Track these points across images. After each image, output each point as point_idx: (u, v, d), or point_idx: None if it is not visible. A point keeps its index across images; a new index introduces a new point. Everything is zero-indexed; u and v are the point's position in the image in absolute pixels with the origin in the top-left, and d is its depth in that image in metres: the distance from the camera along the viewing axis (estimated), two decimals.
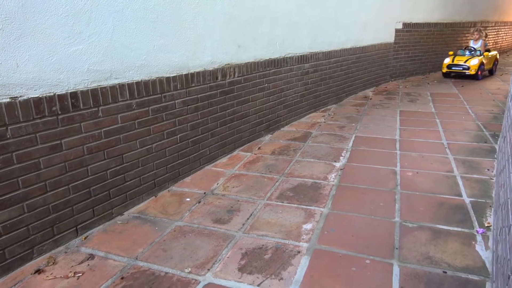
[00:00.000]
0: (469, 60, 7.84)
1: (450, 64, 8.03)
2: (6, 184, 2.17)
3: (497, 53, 8.96)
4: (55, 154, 2.41)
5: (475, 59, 7.83)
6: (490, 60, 8.47)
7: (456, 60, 8.02)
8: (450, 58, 8.12)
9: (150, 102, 3.01)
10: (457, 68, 7.95)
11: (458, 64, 7.94)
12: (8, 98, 2.15)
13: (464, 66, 7.82)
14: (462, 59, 7.96)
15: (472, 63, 7.79)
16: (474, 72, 7.73)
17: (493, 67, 8.69)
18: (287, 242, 2.47)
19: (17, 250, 2.27)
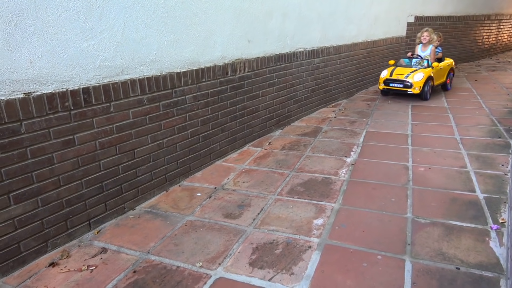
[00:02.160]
0: (412, 74, 5.74)
1: (388, 79, 5.92)
2: (20, 179, 2.20)
3: (452, 62, 6.66)
4: (68, 149, 2.43)
5: (419, 73, 5.71)
6: (442, 72, 6.25)
7: (396, 73, 5.89)
8: (388, 71, 6.00)
9: (161, 97, 3.03)
10: (396, 84, 5.84)
11: (397, 79, 5.83)
12: (22, 93, 2.18)
13: (406, 82, 5.75)
14: (404, 71, 5.88)
15: (416, 78, 5.69)
16: (418, 91, 5.69)
17: (447, 80, 6.47)
18: (298, 237, 2.47)
19: (31, 243, 2.31)
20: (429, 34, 6.07)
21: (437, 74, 6.07)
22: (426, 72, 5.76)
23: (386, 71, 6.01)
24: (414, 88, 5.69)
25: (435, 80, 6.00)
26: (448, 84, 6.54)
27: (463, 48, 9.54)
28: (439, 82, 6.21)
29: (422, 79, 5.67)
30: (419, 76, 5.70)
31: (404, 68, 5.97)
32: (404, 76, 5.79)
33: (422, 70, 5.77)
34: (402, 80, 5.78)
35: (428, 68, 5.84)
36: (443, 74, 6.34)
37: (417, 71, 5.77)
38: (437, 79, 6.09)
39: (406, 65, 6.11)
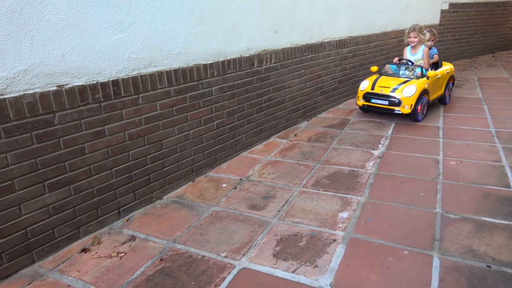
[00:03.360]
0: (401, 88, 4.25)
1: (369, 93, 4.47)
2: (54, 168, 2.30)
3: (452, 68, 5.13)
4: (99, 140, 2.51)
5: (410, 86, 4.23)
6: (440, 82, 4.77)
7: (379, 85, 4.42)
8: (370, 81, 4.55)
9: (187, 89, 3.06)
10: (379, 101, 4.39)
11: (380, 94, 4.38)
12: (55, 86, 2.26)
13: (392, 99, 4.26)
14: (390, 83, 4.39)
15: (406, 93, 4.20)
16: (408, 110, 4.21)
17: (445, 92, 4.94)
18: (323, 230, 2.46)
19: (65, 230, 2.41)
20: (416, 35, 4.58)
21: (434, 85, 4.58)
22: (420, 85, 4.25)
23: (367, 82, 4.55)
24: (403, 106, 4.17)
25: (431, 94, 4.52)
26: (447, 96, 5.03)
27: (501, 36, 9.07)
28: (436, 95, 4.72)
29: (414, 95, 4.16)
30: (410, 90, 4.19)
31: (391, 79, 4.50)
32: (390, 90, 4.29)
33: (414, 82, 4.29)
34: (387, 95, 4.30)
35: (421, 79, 4.36)
36: (441, 85, 4.82)
37: (408, 83, 4.30)
38: (433, 93, 4.61)
39: (393, 73, 4.66)
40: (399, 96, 4.23)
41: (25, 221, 2.21)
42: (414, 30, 4.58)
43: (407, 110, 4.21)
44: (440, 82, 4.76)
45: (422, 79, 4.38)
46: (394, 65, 4.76)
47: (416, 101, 4.21)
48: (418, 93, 4.21)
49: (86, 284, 2.08)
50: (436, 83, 4.63)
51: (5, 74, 2.04)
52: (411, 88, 4.23)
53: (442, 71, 4.85)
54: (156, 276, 2.11)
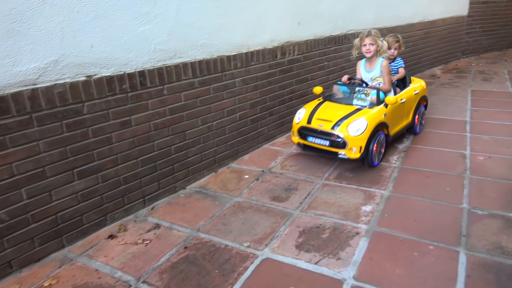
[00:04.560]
0: (346, 122, 3.04)
1: (304, 129, 3.24)
2: (83, 156, 2.36)
3: (423, 85, 3.91)
4: (125, 130, 2.56)
5: (359, 120, 3.03)
6: (407, 106, 3.58)
7: (318, 117, 3.20)
8: (307, 110, 3.31)
9: (211, 80, 3.08)
10: (318, 140, 3.16)
11: (318, 130, 3.15)
12: (84, 76, 2.31)
13: (334, 138, 3.06)
14: (333, 114, 3.17)
15: (352, 129, 3.01)
16: (357, 154, 3.01)
17: (415, 117, 3.73)
18: (345, 223, 2.45)
19: (92, 216, 2.48)
20: (374, 42, 3.30)
21: (397, 114, 3.36)
22: (372, 117, 3.03)
23: (304, 111, 3.29)
24: (349, 149, 2.98)
25: (392, 127, 3.30)
26: (417, 125, 3.78)
27: None
28: (400, 127, 3.48)
29: (364, 133, 2.95)
30: (359, 125, 2.97)
31: (337, 107, 3.26)
32: (331, 125, 3.04)
33: (365, 113, 3.06)
34: (327, 133, 3.06)
35: (377, 107, 3.14)
36: (408, 110, 3.59)
37: (356, 114, 3.06)
38: (395, 124, 3.38)
39: (342, 98, 3.43)
40: (343, 135, 2.96)
41: (55, 207, 2.28)
42: (369, 35, 3.28)
43: (355, 154, 2.96)
44: (406, 107, 3.53)
45: (378, 107, 3.14)
46: (345, 86, 3.45)
47: (368, 141, 2.98)
48: (370, 129, 2.96)
49: (114, 269, 2.14)
50: (399, 110, 3.41)
51: (37, 64, 2.10)
52: (359, 122, 2.96)
53: (409, 92, 3.59)
54: (181, 263, 2.15)
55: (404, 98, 3.49)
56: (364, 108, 3.16)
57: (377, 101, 3.20)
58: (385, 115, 3.16)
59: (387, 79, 3.38)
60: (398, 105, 3.37)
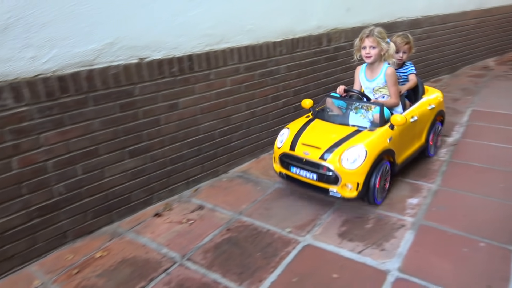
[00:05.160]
0: (340, 150, 2.32)
1: (286, 156, 2.53)
2: (134, 136, 2.45)
3: (439, 97, 3.15)
4: (173, 112, 2.62)
5: (356, 148, 2.31)
6: (420, 125, 2.85)
7: (304, 142, 2.47)
8: (291, 132, 2.59)
9: (256, 66, 3.08)
10: (302, 172, 2.44)
11: (303, 159, 2.42)
12: (136, 59, 2.38)
13: (322, 171, 2.34)
14: (323, 138, 2.44)
15: (346, 161, 2.29)
16: (354, 193, 2.31)
17: (429, 138, 2.98)
18: (390, 215, 2.39)
19: (140, 194, 2.58)
20: (376, 44, 2.58)
21: (406, 136, 2.65)
22: (374, 143, 2.36)
23: (287, 133, 2.60)
24: (343, 185, 2.31)
25: (399, 153, 2.60)
26: (431, 145, 3.04)
27: None
28: (410, 152, 2.76)
29: (362, 164, 2.28)
30: (355, 155, 2.29)
31: (329, 127, 2.57)
32: (320, 154, 2.35)
33: (364, 138, 2.37)
34: (314, 163, 2.37)
35: (381, 130, 2.45)
36: (420, 130, 2.87)
37: (354, 139, 2.38)
38: (404, 149, 2.69)
39: (337, 115, 2.68)
40: (335, 167, 2.27)
41: (107, 184, 2.39)
42: (370, 35, 2.57)
43: (351, 192, 2.30)
44: (418, 126, 2.79)
45: (381, 129, 2.44)
46: (341, 102, 2.70)
47: (369, 175, 2.30)
48: (371, 159, 2.29)
49: (160, 245, 2.22)
50: (410, 130, 2.68)
51: (94, 46, 2.19)
52: (356, 151, 2.28)
53: (422, 106, 2.85)
54: (224, 244, 2.20)
55: (415, 115, 2.73)
56: (364, 130, 2.43)
57: (380, 121, 2.46)
58: (390, 139, 2.43)
59: (393, 90, 2.66)
60: (408, 124, 2.61)
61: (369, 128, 2.47)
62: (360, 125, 2.52)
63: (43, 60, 2.00)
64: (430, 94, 3.09)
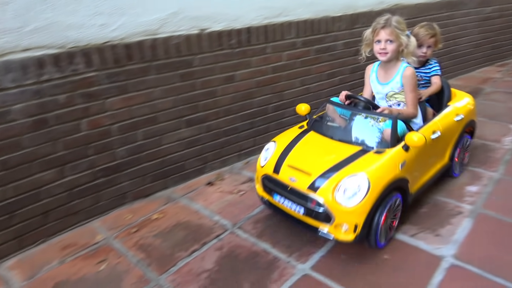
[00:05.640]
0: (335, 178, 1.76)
1: (269, 179, 2.00)
2: (191, 106, 2.52)
3: (470, 104, 2.53)
4: (229, 85, 2.65)
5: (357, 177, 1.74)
6: (443, 142, 2.27)
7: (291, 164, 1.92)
8: (278, 148, 2.05)
9: (313, 41, 3.02)
10: (286, 202, 1.91)
11: (288, 187, 1.88)
12: (197, 30, 2.42)
13: (309, 204, 1.80)
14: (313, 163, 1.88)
15: (341, 195, 1.73)
16: (350, 236, 1.76)
17: (454, 155, 2.38)
18: (447, 201, 2.30)
19: (194, 163, 2.67)
20: (393, 36, 2.05)
21: (424, 158, 2.09)
22: (381, 172, 1.80)
23: (273, 148, 2.10)
24: (337, 225, 1.77)
25: (414, 181, 2.05)
26: (456, 163, 2.46)
27: None
28: (428, 176, 2.21)
29: (363, 201, 1.72)
30: (355, 187, 1.74)
31: (324, 143, 2.04)
32: (309, 182, 1.81)
33: (367, 163, 1.82)
34: (301, 194, 1.84)
35: (391, 152, 1.88)
36: (444, 148, 2.33)
37: (355, 164, 1.83)
38: (421, 174, 2.14)
39: (337, 127, 2.12)
40: (327, 201, 1.76)
41: (164, 151, 2.49)
42: (387, 26, 2.05)
43: (347, 235, 1.78)
44: (441, 143, 2.25)
45: (392, 150, 1.89)
46: (342, 109, 2.13)
47: (370, 214, 1.77)
48: (376, 194, 1.75)
49: (212, 212, 2.31)
50: (430, 150, 2.13)
51: (159, 15, 2.24)
52: (356, 182, 1.75)
53: (447, 117, 2.29)
54: (273, 216, 2.23)
55: (438, 129, 2.16)
56: (370, 152, 1.88)
57: (391, 139, 1.90)
58: (403, 164, 1.87)
59: (411, 97, 2.12)
60: (429, 143, 2.05)
61: (377, 149, 1.90)
62: (365, 143, 1.96)
63: (112, 27, 2.09)
64: (458, 100, 2.49)
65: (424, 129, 2.11)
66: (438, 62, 2.50)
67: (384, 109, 2.04)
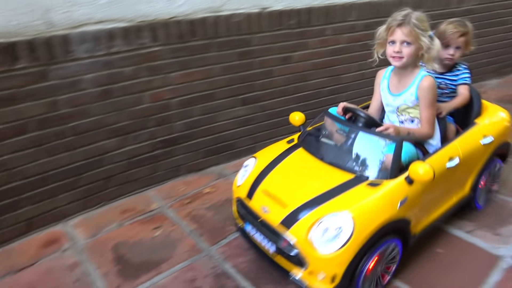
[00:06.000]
0: (312, 216, 1.43)
1: (242, 204, 1.70)
2: (247, 85, 2.54)
3: (505, 119, 2.04)
4: (285, 65, 2.64)
5: (339, 217, 1.39)
6: (463, 169, 1.80)
7: (265, 191, 1.60)
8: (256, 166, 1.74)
9: (374, 25, 2.86)
10: (256, 233, 1.60)
11: (258, 218, 1.58)
12: (258, 8, 2.41)
13: (280, 243, 1.48)
14: (292, 191, 1.56)
15: (318, 237, 1.39)
16: (325, 286, 1.42)
17: (477, 184, 1.94)
18: (509, 200, 2.19)
19: (246, 142, 2.71)
20: (411, 37, 1.64)
21: (435, 192, 1.69)
22: (370, 212, 1.44)
23: (251, 166, 1.79)
24: (311, 272, 1.43)
25: (419, 219, 1.66)
26: (481, 192, 2.01)
27: None
28: (440, 212, 1.79)
29: (345, 248, 1.38)
30: (336, 229, 1.39)
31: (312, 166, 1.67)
32: (284, 215, 1.48)
33: (354, 199, 1.46)
34: (272, 229, 1.52)
35: (389, 185, 1.50)
36: (464, 176, 1.89)
37: (342, 195, 1.48)
38: (429, 210, 1.73)
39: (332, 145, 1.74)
40: (299, 242, 1.43)
41: (218, 127, 2.55)
42: (406, 24, 1.65)
43: (324, 285, 1.44)
44: (461, 171, 1.82)
45: (391, 182, 1.52)
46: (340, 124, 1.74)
47: (353, 263, 1.43)
48: (362, 240, 1.40)
49: None
50: (444, 181, 1.73)
51: None
52: (337, 222, 1.41)
53: (471, 139, 1.86)
54: None
55: (457, 155, 1.73)
56: (363, 183, 1.51)
57: (392, 168, 1.53)
58: (403, 202, 1.49)
59: (427, 114, 1.73)
60: (443, 173, 1.67)
61: (373, 180, 1.52)
62: (360, 170, 1.58)
63: (178, 3, 2.13)
64: (490, 116, 2.00)
65: (437, 155, 1.68)
66: (468, 68, 2.04)
67: (389, 127, 1.61)
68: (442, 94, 2.03)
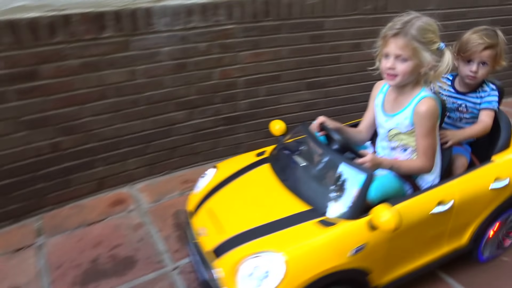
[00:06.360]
0: (244, 250, 1.22)
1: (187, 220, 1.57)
2: (314, 69, 2.51)
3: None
4: (355, 52, 2.58)
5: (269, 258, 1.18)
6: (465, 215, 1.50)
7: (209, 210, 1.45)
8: (217, 175, 1.60)
9: (454, 15, 2.76)
10: (192, 255, 1.53)
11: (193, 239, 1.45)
12: None
13: (208, 273, 1.30)
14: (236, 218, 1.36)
15: (243, 277, 1.18)
16: None
17: (483, 235, 1.59)
18: None
19: None
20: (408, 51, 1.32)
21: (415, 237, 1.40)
22: (309, 257, 1.21)
23: (210, 176, 1.64)
24: None
25: (384, 270, 1.37)
26: (488, 244, 1.65)
27: None
28: (422, 261, 1.48)
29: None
30: (263, 270, 1.17)
31: (269, 188, 1.44)
32: (216, 242, 1.30)
33: (300, 234, 1.24)
34: (202, 256, 1.35)
35: (343, 224, 1.24)
36: (458, 227, 1.51)
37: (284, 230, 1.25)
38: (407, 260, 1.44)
39: (301, 166, 1.47)
40: (223, 279, 1.23)
41: (281, 109, 2.56)
42: (401, 35, 1.32)
43: None
44: (456, 219, 1.47)
45: (348, 224, 1.25)
46: (313, 142, 1.48)
47: None
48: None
49: None
50: (431, 227, 1.42)
51: None
52: (265, 264, 1.18)
53: (474, 181, 1.48)
54: None
55: (451, 198, 1.41)
56: (314, 219, 1.27)
57: (353, 206, 1.27)
58: (359, 249, 1.24)
59: (424, 145, 1.41)
60: (427, 219, 1.37)
61: (327, 217, 1.27)
62: (319, 203, 1.32)
63: None
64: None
65: (422, 196, 1.37)
66: (498, 89, 1.63)
67: (366, 155, 1.31)
68: (460, 119, 1.69)
